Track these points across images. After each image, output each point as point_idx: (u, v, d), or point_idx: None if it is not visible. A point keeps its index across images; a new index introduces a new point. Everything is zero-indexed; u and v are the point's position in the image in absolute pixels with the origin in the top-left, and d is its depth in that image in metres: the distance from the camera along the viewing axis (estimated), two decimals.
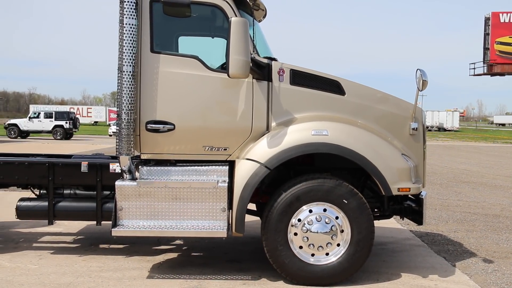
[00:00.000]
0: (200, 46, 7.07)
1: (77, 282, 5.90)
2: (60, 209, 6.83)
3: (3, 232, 8.34)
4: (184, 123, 5.96)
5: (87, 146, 31.38)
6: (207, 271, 6.38)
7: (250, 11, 6.41)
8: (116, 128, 6.00)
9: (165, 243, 7.75)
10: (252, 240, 7.85)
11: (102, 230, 7.79)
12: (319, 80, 6.18)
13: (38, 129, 42.64)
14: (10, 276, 6.07)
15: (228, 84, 5.93)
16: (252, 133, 6.02)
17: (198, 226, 5.86)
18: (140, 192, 5.86)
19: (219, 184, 5.86)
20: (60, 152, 21.04)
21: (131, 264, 6.68)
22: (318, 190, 5.80)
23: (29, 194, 7.29)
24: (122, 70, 5.75)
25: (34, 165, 6.91)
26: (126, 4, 5.71)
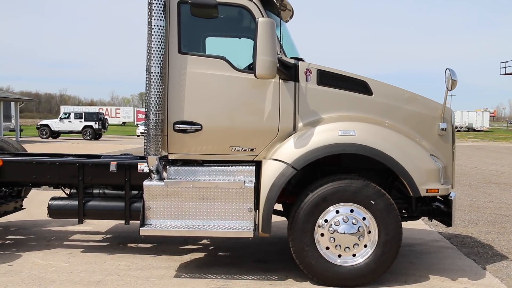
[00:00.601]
0: (227, 47, 7.10)
1: (106, 280, 5.99)
2: (90, 208, 6.95)
3: (36, 230, 8.53)
4: (211, 124, 6.00)
5: (116, 146, 31.82)
6: (234, 271, 6.41)
7: (277, 11, 6.42)
8: (144, 129, 6.08)
9: (192, 243, 7.81)
10: (279, 240, 7.85)
11: (130, 229, 7.90)
12: (346, 80, 6.15)
13: (68, 129, 43.45)
14: (43, 273, 6.21)
15: (255, 85, 5.95)
16: (279, 133, 6.02)
17: (225, 226, 5.89)
18: (168, 192, 5.92)
19: (246, 184, 5.88)
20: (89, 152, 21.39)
21: (158, 263, 6.76)
22: (345, 191, 5.77)
23: (60, 193, 7.45)
24: (150, 71, 5.82)
25: (65, 165, 7.05)
26: (155, 6, 5.78)
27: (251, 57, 5.83)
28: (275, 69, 5.63)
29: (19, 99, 42.42)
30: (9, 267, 6.45)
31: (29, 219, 9.27)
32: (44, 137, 42.79)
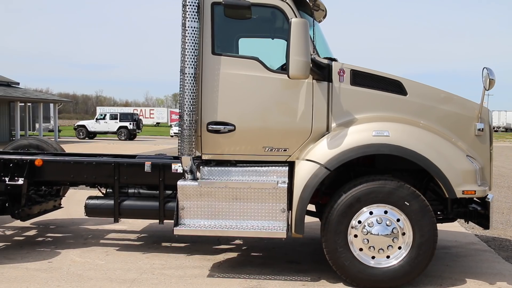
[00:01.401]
0: (260, 48, 7.12)
1: (141, 279, 6.09)
2: (125, 207, 7.07)
3: (74, 228, 8.73)
4: (244, 124, 6.03)
5: (150, 146, 32.26)
6: (267, 271, 6.42)
7: (310, 11, 6.41)
8: (178, 129, 6.15)
9: (225, 243, 7.86)
10: (311, 241, 7.83)
11: (164, 228, 8.00)
12: (380, 80, 6.09)
13: (104, 130, 44.30)
14: (81, 270, 6.36)
15: (288, 85, 5.95)
16: (312, 134, 6.01)
17: (258, 226, 5.91)
18: (201, 192, 5.97)
19: (279, 184, 5.88)
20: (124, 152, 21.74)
21: (192, 262, 6.82)
22: (379, 192, 5.71)
23: (96, 192, 7.61)
24: (184, 72, 5.88)
25: (101, 165, 7.19)
26: (189, 7, 5.84)
27: (284, 57, 5.84)
28: (308, 69, 5.62)
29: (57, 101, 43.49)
30: (49, 263, 6.62)
31: (67, 217, 9.50)
32: (81, 138, 43.73)
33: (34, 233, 8.38)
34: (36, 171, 7.21)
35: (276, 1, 5.97)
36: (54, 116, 42.05)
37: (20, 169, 7.19)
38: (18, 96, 36.21)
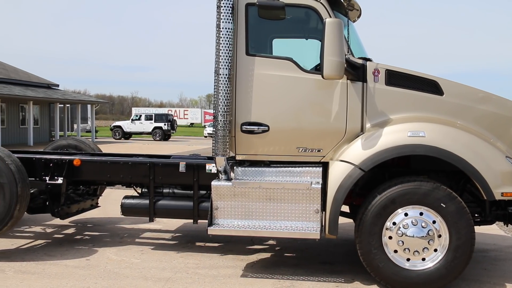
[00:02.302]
0: (294, 48, 7.11)
1: (176, 278, 6.16)
2: (160, 207, 7.17)
3: (110, 227, 8.91)
4: (278, 125, 6.04)
5: (184, 147, 32.59)
6: (300, 272, 6.41)
7: (344, 11, 6.37)
8: (212, 130, 6.20)
9: (258, 243, 7.88)
10: (345, 242, 7.78)
11: (198, 228, 8.08)
12: (415, 80, 6.00)
13: (139, 130, 45.00)
14: (117, 268, 6.48)
15: (322, 85, 5.93)
16: (346, 134, 5.97)
17: (291, 227, 5.91)
18: (235, 192, 6.00)
19: (313, 185, 5.87)
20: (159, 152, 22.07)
21: (225, 262, 6.87)
22: (415, 193, 5.63)
23: (132, 192, 7.74)
24: (219, 73, 5.93)
25: (137, 165, 7.32)
26: (223, 8, 5.88)
27: (318, 58, 5.82)
28: (342, 69, 5.59)
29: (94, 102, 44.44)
30: (86, 261, 6.78)
31: (104, 216, 9.69)
32: (117, 138, 44.53)
33: (73, 231, 8.58)
34: (74, 170, 7.38)
35: (310, 1, 5.96)
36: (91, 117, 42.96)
37: (59, 168, 7.38)
38: (58, 97, 37.17)
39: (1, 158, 6.66)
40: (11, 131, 34.05)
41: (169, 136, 45.19)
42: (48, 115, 39.33)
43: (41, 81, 39.82)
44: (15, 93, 31.86)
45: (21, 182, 6.69)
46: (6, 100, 32.67)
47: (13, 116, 34.74)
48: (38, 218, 9.10)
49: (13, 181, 6.60)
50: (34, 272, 6.27)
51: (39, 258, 6.87)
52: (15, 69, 40.52)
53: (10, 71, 38.79)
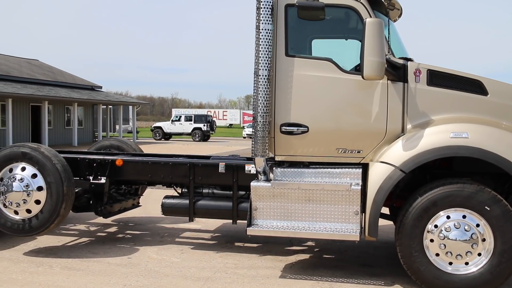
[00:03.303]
0: (333, 48, 7.07)
1: (215, 277, 6.22)
2: (200, 207, 7.25)
3: (151, 226, 9.06)
4: (317, 125, 6.01)
5: (223, 147, 32.81)
6: (339, 274, 6.37)
7: (385, 11, 6.30)
8: (251, 131, 6.22)
9: (297, 244, 7.86)
10: (385, 245, 7.68)
11: (237, 228, 8.12)
12: (458, 80, 5.88)
13: (179, 131, 45.56)
14: (157, 267, 6.59)
15: (362, 86, 5.88)
16: (387, 135, 5.90)
17: (330, 229, 5.88)
18: (274, 193, 6.01)
19: (352, 187, 5.82)
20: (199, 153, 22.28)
21: (264, 263, 6.88)
22: (457, 196, 5.51)
23: (172, 192, 7.85)
24: (258, 74, 5.95)
25: (177, 165, 7.41)
26: (263, 10, 5.90)
27: (358, 58, 5.77)
28: (383, 70, 5.53)
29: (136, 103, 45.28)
30: (128, 259, 6.92)
31: (145, 215, 9.86)
32: (157, 139, 45.22)
33: (115, 230, 8.77)
34: (117, 170, 7.54)
35: (351, 1, 5.92)
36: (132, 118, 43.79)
37: (102, 168, 7.56)
38: (101, 99, 38.09)
39: (49, 158, 6.87)
40: (57, 131, 35.11)
41: (208, 137, 45.57)
42: (91, 116, 40.34)
43: (85, 83, 40.92)
44: (61, 95, 32.86)
45: (67, 181, 6.88)
46: (53, 102, 33.72)
47: (59, 117, 35.81)
48: (82, 216, 9.33)
49: (59, 180, 6.80)
50: (79, 269, 6.44)
51: (83, 255, 7.07)
52: (61, 72, 41.78)
53: (57, 74, 40.03)
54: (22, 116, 31.82)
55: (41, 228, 6.87)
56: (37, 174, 6.85)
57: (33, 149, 6.95)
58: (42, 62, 43.25)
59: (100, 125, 38.92)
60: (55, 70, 41.38)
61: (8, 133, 27.96)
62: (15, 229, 6.91)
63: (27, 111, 32.40)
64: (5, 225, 6.92)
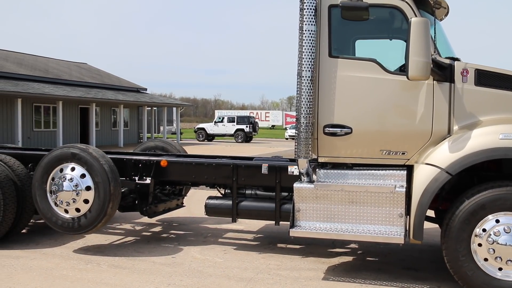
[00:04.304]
0: (377, 49, 6.99)
1: (257, 278, 6.24)
2: (243, 208, 7.29)
3: (194, 227, 9.18)
4: (361, 127, 5.96)
5: (265, 149, 32.88)
6: (383, 277, 6.29)
7: (431, 10, 6.18)
8: (294, 132, 6.22)
9: (340, 246, 7.80)
10: (430, 248, 7.53)
11: (279, 229, 8.14)
12: (508, 79, 5.70)
13: (222, 132, 45.92)
14: (201, 267, 6.67)
15: (407, 87, 5.79)
16: (432, 136, 5.79)
17: (374, 231, 5.81)
18: (317, 194, 5.99)
19: (397, 189, 5.74)
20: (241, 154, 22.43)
21: (307, 264, 6.87)
22: (507, 199, 5.34)
23: (215, 192, 7.92)
24: (301, 75, 5.95)
25: (220, 166, 7.48)
26: (306, 11, 5.90)
27: (402, 58, 5.69)
28: (428, 70, 5.43)
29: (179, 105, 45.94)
30: (172, 259, 7.03)
31: (189, 216, 10.00)
32: (200, 140, 45.73)
33: (159, 230, 8.93)
34: (161, 171, 7.67)
35: (396, 0, 5.83)
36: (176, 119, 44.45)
37: (147, 169, 7.71)
38: (146, 101, 38.84)
39: (96, 159, 7.07)
40: (104, 133, 36.03)
41: (251, 138, 45.73)
42: (136, 117, 41.19)
43: (131, 86, 41.83)
44: (108, 97, 33.74)
45: (114, 181, 7.06)
46: (100, 104, 34.63)
47: (106, 119, 36.75)
48: (128, 216, 9.55)
49: (106, 180, 6.98)
50: (125, 267, 6.60)
51: (129, 254, 7.23)
52: (108, 74, 42.87)
53: (104, 76, 41.11)
54: (72, 118, 32.84)
55: (89, 227, 7.07)
56: (86, 174, 7.06)
57: (82, 150, 7.17)
58: (90, 66, 44.52)
59: (145, 126, 39.71)
60: (102, 73, 42.49)
61: (58, 134, 28.93)
62: (65, 227, 7.15)
63: (76, 113, 33.42)
64: (56, 223, 7.16)
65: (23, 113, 27.26)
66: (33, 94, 26.83)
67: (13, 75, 29.12)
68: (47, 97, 28.32)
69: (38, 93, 27.20)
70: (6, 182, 7.32)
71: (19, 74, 29.67)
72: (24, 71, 31.02)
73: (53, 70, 34.83)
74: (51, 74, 33.31)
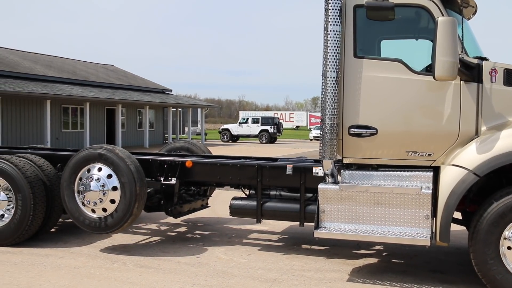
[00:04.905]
0: (402, 49, 6.93)
1: (282, 279, 6.24)
2: (267, 209, 7.30)
3: (219, 227, 9.22)
4: (387, 128, 5.91)
5: (290, 150, 32.83)
6: (408, 279, 6.22)
7: (458, 9, 6.10)
8: (319, 133, 6.20)
9: (365, 247, 7.75)
10: (457, 251, 7.42)
11: (304, 230, 8.11)
12: None
13: (246, 133, 45.97)
14: (225, 267, 6.70)
15: (434, 87, 5.72)
16: (459, 137, 5.71)
17: (399, 233, 5.76)
18: (342, 195, 5.96)
19: (423, 190, 5.67)
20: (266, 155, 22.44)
21: (331, 266, 6.84)
22: None
23: (239, 193, 7.95)
24: (326, 76, 5.93)
25: (245, 167, 7.50)
26: (331, 11, 5.88)
27: (428, 58, 5.63)
28: (455, 70, 5.36)
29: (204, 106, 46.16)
30: (197, 259, 7.08)
31: (213, 216, 10.05)
32: (225, 141, 45.88)
33: (184, 230, 9.00)
34: (186, 171, 7.73)
35: (422, 0, 5.77)
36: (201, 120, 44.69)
37: (173, 169, 7.78)
38: (171, 102, 39.18)
39: (123, 159, 7.16)
40: (130, 133, 36.47)
41: (275, 139, 45.69)
42: (162, 118, 41.58)
43: (156, 87, 42.24)
44: (134, 98, 34.16)
45: (140, 181, 7.14)
46: (126, 105, 35.07)
47: (132, 120, 37.19)
48: (154, 216, 9.64)
49: (132, 180, 7.06)
50: (151, 267, 6.67)
51: (154, 254, 7.30)
52: (134, 76, 43.38)
53: (130, 78, 41.62)
54: (98, 119, 33.34)
55: (115, 227, 7.16)
56: (112, 175, 7.15)
57: (108, 151, 7.27)
58: (117, 67, 45.12)
59: (170, 127, 40.03)
60: (128, 75, 43.01)
61: (85, 135, 29.39)
62: (92, 226, 7.25)
63: (102, 114, 33.92)
64: (84, 223, 7.28)
65: (52, 114, 27.79)
66: (61, 96, 27.34)
67: (43, 77, 29.75)
68: (75, 99, 28.82)
69: (66, 95, 27.70)
70: (36, 182, 7.48)
71: (48, 76, 30.28)
72: (53, 73, 31.64)
73: (80, 72, 35.41)
74: (78, 76, 33.88)
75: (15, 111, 27.19)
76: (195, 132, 51.38)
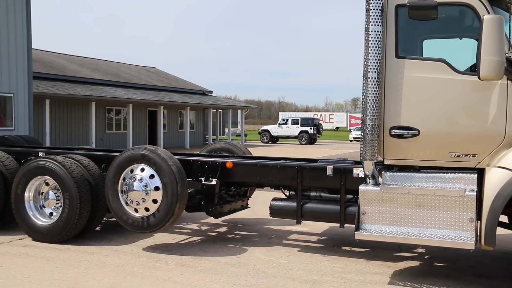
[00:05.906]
0: (445, 48, 6.79)
1: (322, 281, 6.22)
2: (307, 210, 7.29)
3: (259, 228, 9.26)
4: (429, 129, 5.81)
5: (330, 151, 32.61)
6: (452, 284, 6.10)
7: (505, 6, 5.94)
8: (359, 134, 6.15)
9: (406, 250, 7.63)
10: (503, 255, 7.22)
11: (344, 232, 8.06)
12: None
13: (286, 134, 45.90)
14: (265, 268, 6.73)
15: (478, 87, 5.59)
16: (506, 139, 5.56)
17: (442, 236, 5.65)
18: (383, 197, 5.90)
19: (467, 192, 5.55)
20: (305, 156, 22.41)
21: (372, 268, 6.77)
22: None
23: (279, 194, 7.96)
24: (367, 76, 5.88)
25: (285, 168, 7.51)
26: (372, 11, 5.83)
27: (472, 58, 5.51)
28: (502, 69, 5.22)
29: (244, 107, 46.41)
30: (237, 259, 7.13)
31: (253, 217, 10.10)
32: (264, 142, 45.95)
33: (224, 230, 9.08)
34: (227, 172, 7.79)
35: None
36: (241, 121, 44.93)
37: (213, 170, 7.85)
38: (211, 103, 39.55)
39: (165, 160, 7.28)
40: (171, 134, 37.02)
41: (315, 140, 45.44)
42: (202, 119, 42.02)
43: (196, 88, 42.74)
44: (175, 100, 34.67)
45: (181, 182, 7.24)
46: (168, 107, 35.62)
47: (173, 121, 37.74)
48: (194, 216, 9.77)
49: (174, 181, 7.18)
50: (192, 266, 6.76)
51: (195, 253, 7.40)
52: (175, 78, 44.02)
53: (171, 80, 42.26)
54: (141, 120, 33.98)
55: (157, 226, 7.29)
56: (155, 175, 7.28)
57: (151, 151, 7.41)
58: (158, 69, 45.87)
59: (211, 128, 40.41)
60: (169, 77, 43.67)
61: (128, 136, 30.01)
62: (135, 226, 7.41)
63: (145, 116, 34.55)
64: (127, 222, 7.44)
65: (96, 115, 28.49)
66: (105, 98, 28.00)
67: (88, 79, 30.55)
68: (118, 100, 29.46)
69: (110, 97, 28.34)
70: (82, 181, 7.70)
71: (93, 79, 31.08)
72: (98, 76, 32.45)
73: (124, 75, 36.19)
74: (122, 78, 34.64)
75: (62, 112, 28.06)
76: (235, 133, 51.69)
